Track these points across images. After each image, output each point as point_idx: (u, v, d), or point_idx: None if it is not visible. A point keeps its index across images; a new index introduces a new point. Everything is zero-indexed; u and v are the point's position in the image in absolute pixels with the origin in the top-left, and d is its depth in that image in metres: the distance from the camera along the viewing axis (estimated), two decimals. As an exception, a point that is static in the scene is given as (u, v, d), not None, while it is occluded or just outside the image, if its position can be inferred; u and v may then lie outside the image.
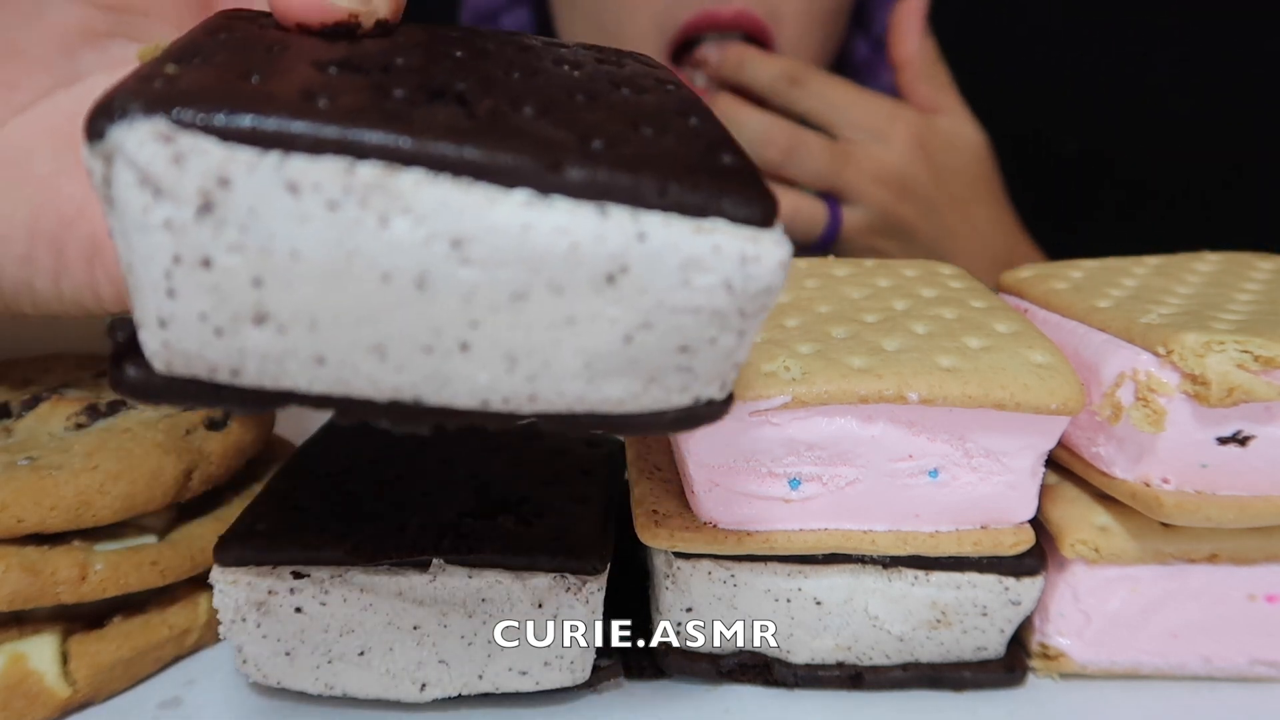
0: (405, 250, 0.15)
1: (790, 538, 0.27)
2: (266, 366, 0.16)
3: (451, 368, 0.17)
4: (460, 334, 0.16)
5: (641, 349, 0.17)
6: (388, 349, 0.16)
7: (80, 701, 0.28)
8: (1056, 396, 0.25)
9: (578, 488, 0.30)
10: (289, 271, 0.15)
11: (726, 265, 0.16)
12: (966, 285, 0.32)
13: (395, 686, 0.27)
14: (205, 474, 0.31)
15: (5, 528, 0.27)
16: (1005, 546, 0.27)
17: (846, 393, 0.25)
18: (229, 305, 0.16)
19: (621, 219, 0.16)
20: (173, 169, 0.15)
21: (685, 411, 0.18)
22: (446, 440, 0.32)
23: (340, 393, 0.17)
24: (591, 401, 0.18)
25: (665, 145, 0.17)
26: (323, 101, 0.15)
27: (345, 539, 0.27)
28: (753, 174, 0.17)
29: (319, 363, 0.16)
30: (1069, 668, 0.29)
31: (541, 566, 0.27)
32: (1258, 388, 0.25)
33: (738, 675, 0.29)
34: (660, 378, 0.18)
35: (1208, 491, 0.26)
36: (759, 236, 0.16)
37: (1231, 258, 0.34)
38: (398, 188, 0.15)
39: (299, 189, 0.15)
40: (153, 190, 0.15)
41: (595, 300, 0.16)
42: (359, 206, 0.15)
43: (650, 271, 0.16)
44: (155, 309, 0.16)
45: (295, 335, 0.16)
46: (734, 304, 0.17)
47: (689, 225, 0.16)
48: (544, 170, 0.15)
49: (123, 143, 0.15)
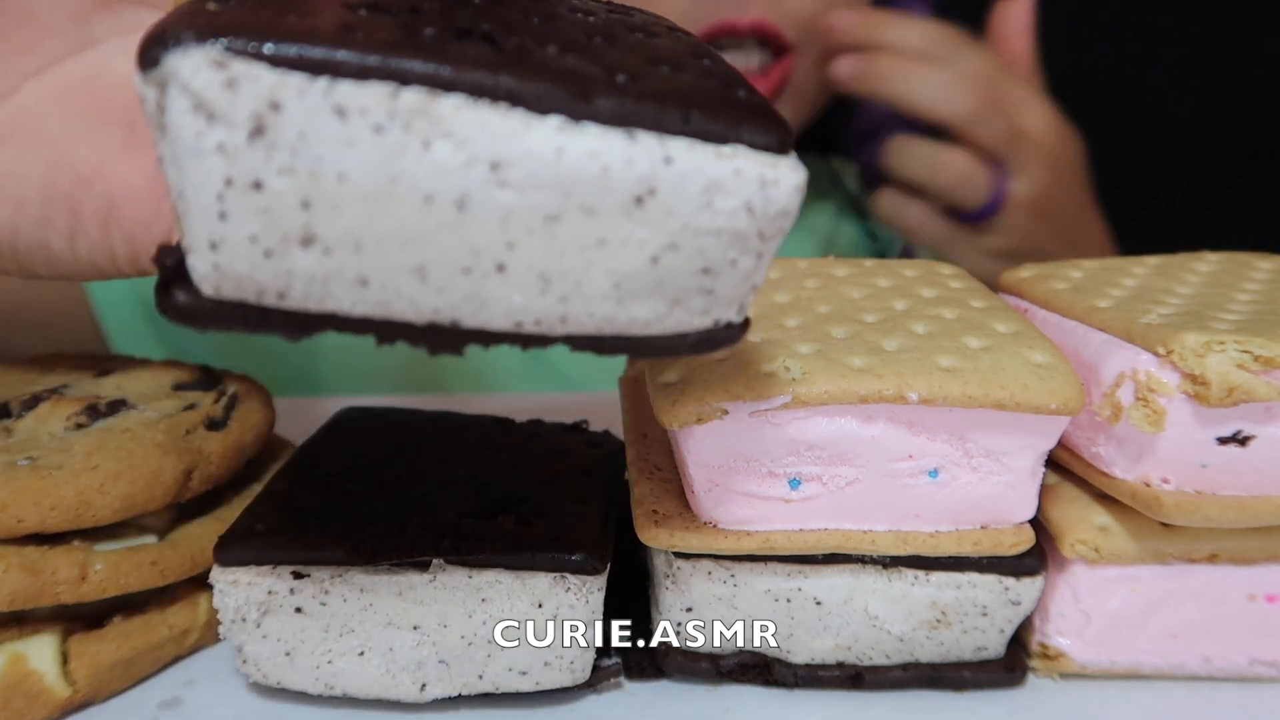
0: (446, 173, 0.16)
1: (790, 538, 0.27)
2: (312, 289, 0.17)
3: (489, 289, 0.17)
4: (498, 255, 0.17)
5: (668, 270, 0.18)
6: (428, 270, 0.17)
7: (80, 701, 0.28)
8: (1056, 396, 0.25)
9: (578, 488, 0.30)
10: (336, 194, 0.16)
11: (747, 188, 0.17)
12: (966, 285, 0.32)
13: (395, 686, 0.27)
14: (205, 474, 0.31)
15: (5, 528, 0.27)
16: (1005, 546, 0.27)
17: (846, 393, 0.25)
18: (279, 227, 0.16)
19: (649, 144, 0.17)
20: (226, 94, 0.15)
21: (706, 334, 0.19)
22: (447, 440, 0.32)
23: (381, 315, 0.17)
24: (620, 323, 0.18)
25: (684, 80, 0.18)
26: (360, 35, 0.16)
27: (345, 539, 0.27)
28: (767, 106, 0.18)
29: (362, 285, 0.17)
30: (1069, 668, 0.29)
31: (541, 566, 0.27)
32: (1258, 388, 0.25)
33: (738, 675, 0.29)
34: (684, 299, 0.18)
35: (1208, 491, 0.26)
36: (777, 162, 0.17)
37: (1231, 258, 0.34)
38: (439, 112, 0.16)
39: (346, 113, 0.16)
40: (206, 115, 0.15)
41: (625, 222, 0.17)
42: (403, 130, 0.16)
43: (676, 194, 0.17)
44: (207, 232, 0.16)
45: (341, 257, 0.17)
46: (754, 226, 0.18)
47: (712, 151, 0.17)
48: (574, 98, 0.16)
49: (177, 69, 0.15)
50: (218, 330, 0.18)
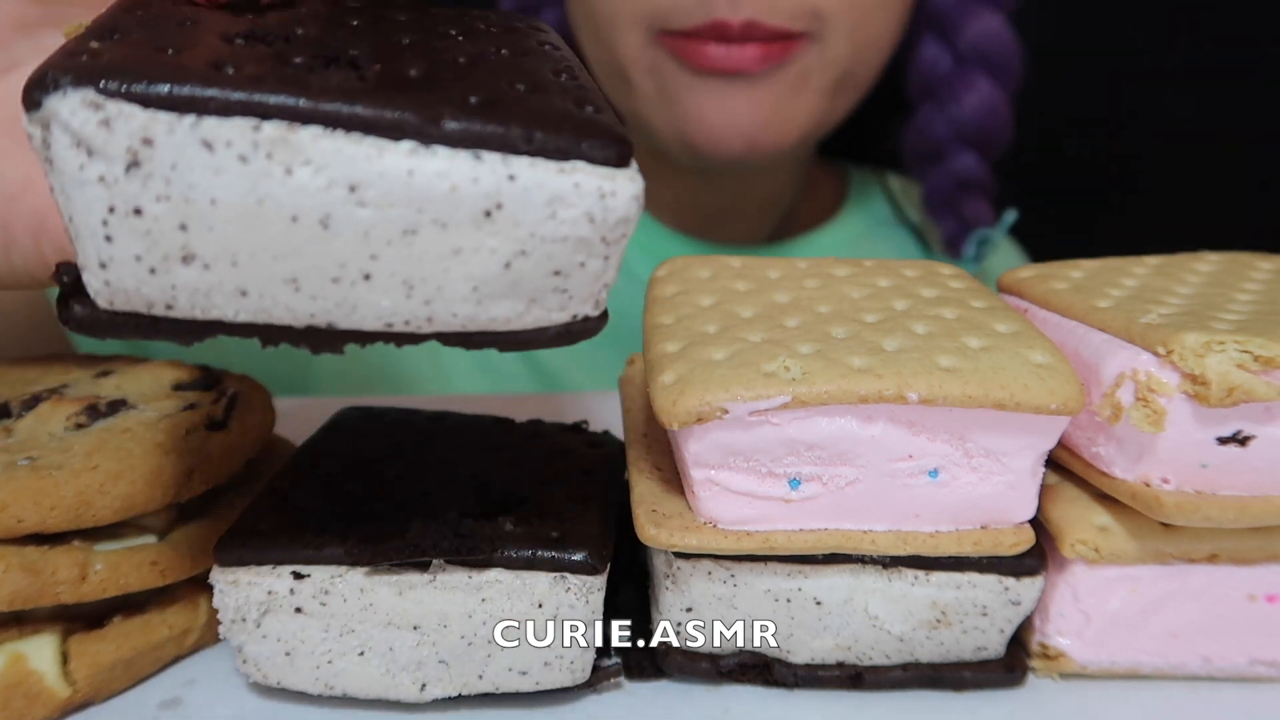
0: (309, 194, 0.18)
1: (790, 538, 0.27)
2: (196, 300, 0.19)
3: (357, 295, 0.19)
4: (362, 265, 0.19)
5: (520, 274, 0.19)
6: (300, 281, 0.19)
7: (80, 701, 0.28)
8: (1056, 396, 0.25)
9: (578, 488, 0.30)
10: (210, 216, 0.18)
11: (587, 200, 0.19)
12: (966, 285, 0.32)
13: (395, 686, 0.27)
14: (205, 474, 0.31)
15: (5, 528, 0.27)
16: (1005, 546, 0.27)
17: (846, 393, 0.25)
18: (160, 247, 0.18)
19: (494, 163, 0.18)
20: (102, 131, 0.17)
21: (564, 327, 0.21)
22: (447, 440, 0.32)
23: (262, 320, 0.19)
24: (481, 321, 0.20)
25: (535, 100, 0.19)
26: (230, 69, 0.18)
27: (345, 539, 0.27)
28: (610, 123, 0.19)
29: (242, 295, 0.19)
30: (1069, 668, 0.29)
31: (541, 566, 0.27)
32: (1258, 388, 0.25)
33: (738, 675, 0.29)
34: (540, 298, 0.20)
35: (1208, 491, 0.26)
36: (615, 174, 0.19)
37: (1231, 258, 0.34)
38: (298, 142, 0.18)
39: (213, 145, 0.17)
40: (86, 150, 0.17)
41: (476, 233, 0.19)
42: (266, 159, 0.18)
43: (521, 207, 0.19)
44: (95, 253, 0.18)
45: (219, 271, 0.18)
46: (596, 233, 0.19)
47: (553, 167, 0.19)
48: (425, 123, 0.18)
49: (57, 110, 0.17)
50: (115, 338, 0.19)
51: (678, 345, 0.27)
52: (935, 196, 0.65)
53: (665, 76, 0.56)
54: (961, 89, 0.62)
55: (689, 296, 0.31)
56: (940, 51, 0.62)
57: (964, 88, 0.61)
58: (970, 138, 0.62)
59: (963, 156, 0.63)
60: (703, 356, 0.26)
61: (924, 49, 0.63)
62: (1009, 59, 0.61)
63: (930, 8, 0.62)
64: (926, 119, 0.64)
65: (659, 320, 0.29)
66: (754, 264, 0.33)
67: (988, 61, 0.61)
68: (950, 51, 0.62)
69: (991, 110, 0.61)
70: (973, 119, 0.62)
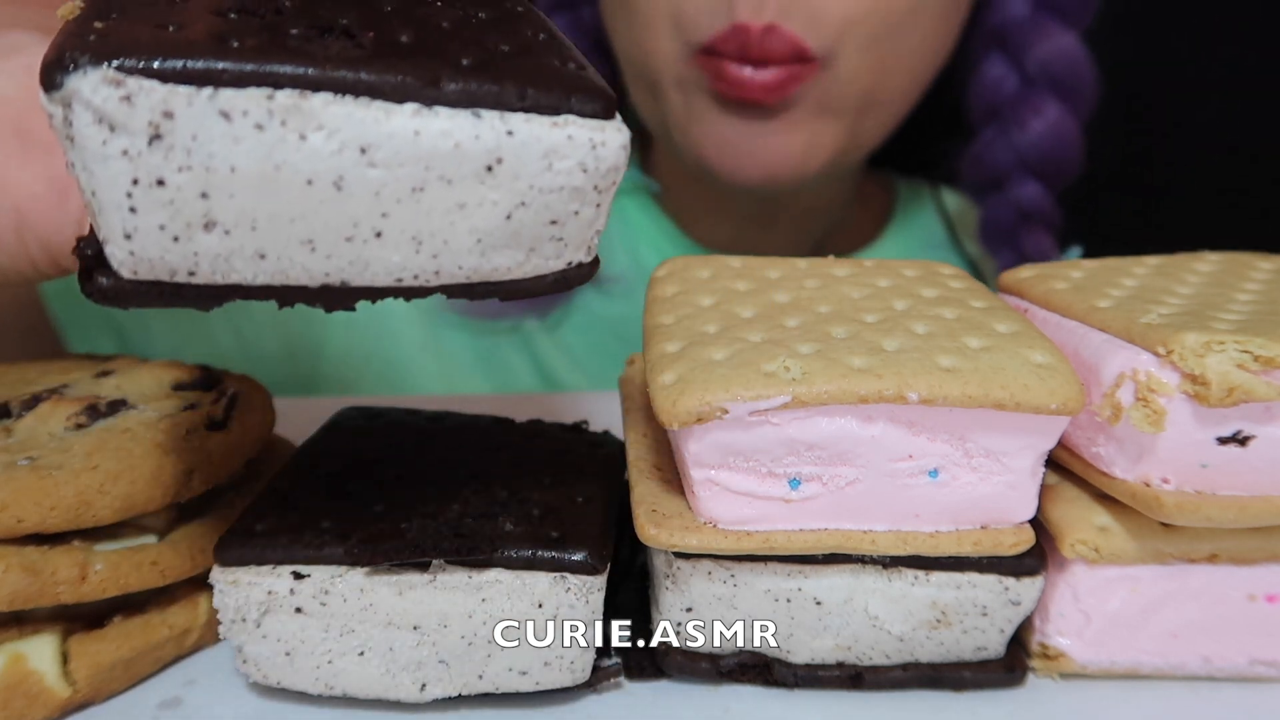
0: (322, 158, 0.19)
1: (790, 538, 0.27)
2: (217, 265, 0.19)
3: (370, 252, 0.20)
4: (374, 224, 0.19)
5: (520, 224, 0.20)
6: (316, 241, 0.19)
7: (80, 701, 0.28)
8: (1056, 396, 0.25)
9: (578, 488, 0.30)
10: (229, 183, 0.18)
11: (580, 151, 0.20)
12: (966, 285, 0.32)
13: (395, 686, 0.27)
14: (205, 474, 0.31)
15: (5, 528, 0.27)
16: (1005, 546, 0.27)
17: (846, 393, 0.25)
18: (182, 216, 0.18)
19: (493, 120, 0.19)
20: (124, 107, 0.17)
21: (561, 274, 0.22)
22: (447, 440, 0.32)
23: (280, 282, 0.20)
24: (485, 271, 0.21)
25: (523, 59, 0.20)
26: (234, 43, 0.18)
27: (345, 539, 0.27)
28: (594, 79, 0.21)
29: (261, 258, 0.19)
30: (1069, 668, 0.29)
31: (541, 566, 0.27)
32: (1258, 388, 0.25)
33: (738, 675, 0.29)
34: (538, 247, 0.21)
35: (1208, 491, 0.26)
36: (604, 126, 0.20)
37: (1231, 258, 0.34)
38: (310, 108, 0.18)
39: (230, 115, 0.18)
40: (108, 126, 0.18)
41: (479, 187, 0.20)
42: (281, 126, 0.18)
43: (520, 160, 0.20)
44: (120, 225, 0.18)
45: (239, 236, 0.19)
46: (589, 181, 0.20)
47: (547, 121, 0.20)
48: (426, 86, 0.19)
49: (78, 89, 0.17)
50: (138, 307, 0.20)
51: (678, 345, 0.27)
52: (993, 228, 0.61)
53: (692, 97, 0.54)
54: (1028, 113, 0.57)
55: (689, 296, 0.31)
56: (1006, 71, 0.58)
57: (1031, 111, 0.57)
58: (1035, 166, 0.58)
59: (1026, 186, 0.58)
60: (703, 356, 0.26)
61: (988, 68, 0.58)
62: (1082, 81, 0.57)
63: (995, 23, 0.57)
64: (988, 143, 0.59)
65: (659, 320, 0.29)
66: (754, 264, 0.33)
67: (1058, 83, 0.56)
68: (1017, 71, 0.57)
69: (1060, 137, 0.57)
70: (1039, 145, 0.57)
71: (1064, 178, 0.59)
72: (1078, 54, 0.56)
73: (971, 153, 0.61)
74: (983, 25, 0.58)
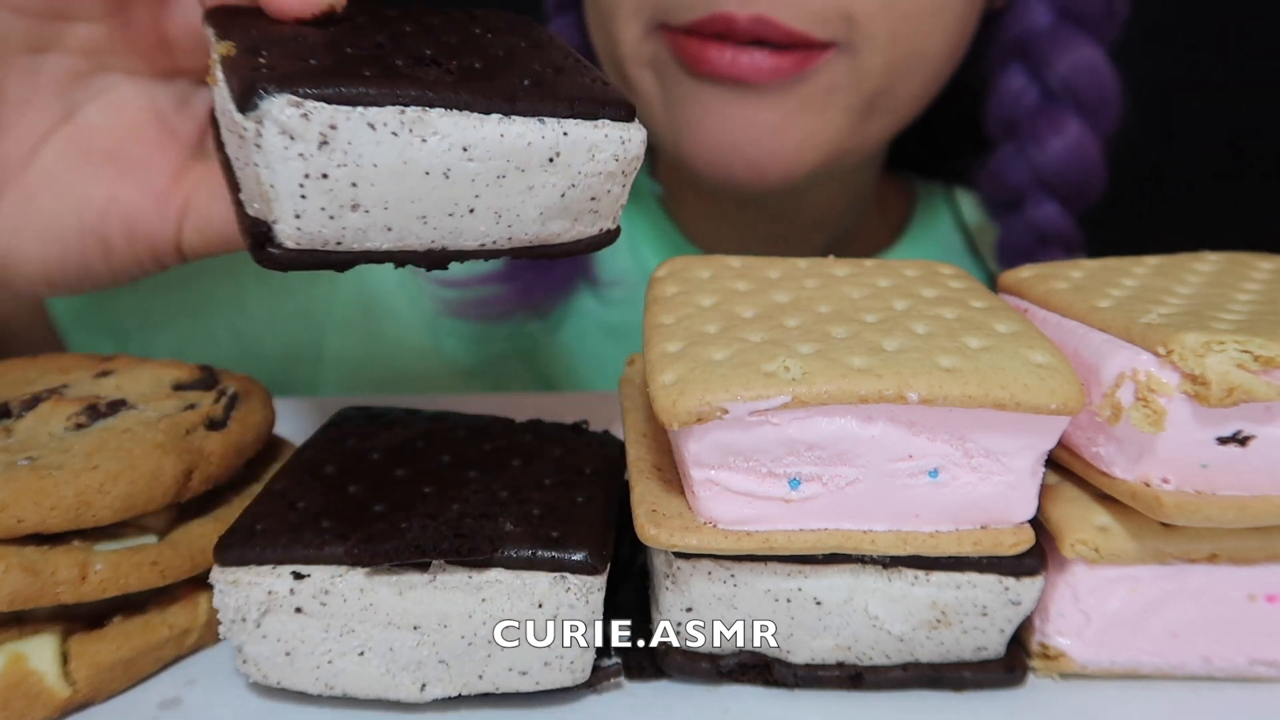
0: (436, 155, 0.25)
1: (790, 538, 0.27)
2: (357, 236, 0.25)
3: (464, 224, 0.26)
4: (469, 202, 0.26)
5: (570, 200, 0.27)
6: (428, 216, 0.26)
7: (80, 701, 0.28)
8: (1056, 396, 0.25)
9: (578, 488, 0.30)
10: (372, 175, 0.25)
11: (613, 145, 0.27)
12: (966, 285, 0.32)
13: (395, 686, 0.27)
14: (205, 474, 0.31)
15: (5, 528, 0.27)
16: (1005, 546, 0.27)
17: (846, 393, 0.25)
18: (338, 200, 0.25)
19: (553, 125, 0.26)
20: (302, 122, 0.24)
21: (594, 239, 0.29)
22: (447, 440, 0.32)
23: (398, 248, 0.26)
24: (543, 237, 0.27)
25: (565, 79, 0.27)
26: (367, 73, 0.25)
27: (345, 539, 0.27)
28: (618, 91, 0.27)
29: (388, 230, 0.26)
30: (1069, 668, 0.29)
31: (541, 566, 0.27)
32: (1258, 388, 0.25)
33: (738, 675, 0.29)
34: (580, 218, 0.28)
35: (1208, 491, 0.26)
36: (628, 126, 0.27)
37: (1231, 258, 0.34)
38: (429, 119, 0.25)
39: (375, 126, 0.24)
40: (289, 136, 0.24)
41: (543, 174, 0.26)
42: (409, 133, 0.24)
43: (572, 153, 0.26)
44: (292, 208, 0.24)
45: (375, 214, 0.25)
46: (619, 168, 0.27)
47: (590, 124, 0.26)
48: (505, 101, 0.25)
49: (269, 109, 0.23)
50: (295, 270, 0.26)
51: (678, 345, 0.27)
52: (1010, 249, 0.58)
53: (665, 76, 0.51)
54: (1047, 129, 0.54)
55: (689, 296, 0.31)
56: (1026, 84, 0.55)
57: (1051, 128, 0.54)
58: (1054, 185, 0.55)
59: (1044, 206, 0.56)
60: (703, 356, 0.26)
61: (1008, 80, 0.55)
62: (1106, 97, 0.54)
63: (1016, 33, 0.54)
64: (1005, 161, 0.56)
65: (659, 320, 0.29)
66: (754, 264, 0.33)
67: (1080, 99, 0.53)
68: (1038, 84, 0.55)
69: (1081, 155, 0.54)
70: (1058, 164, 0.54)
71: (1084, 198, 0.56)
72: (1102, 68, 0.54)
73: (988, 170, 0.58)
74: (1003, 36, 0.55)
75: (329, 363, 0.63)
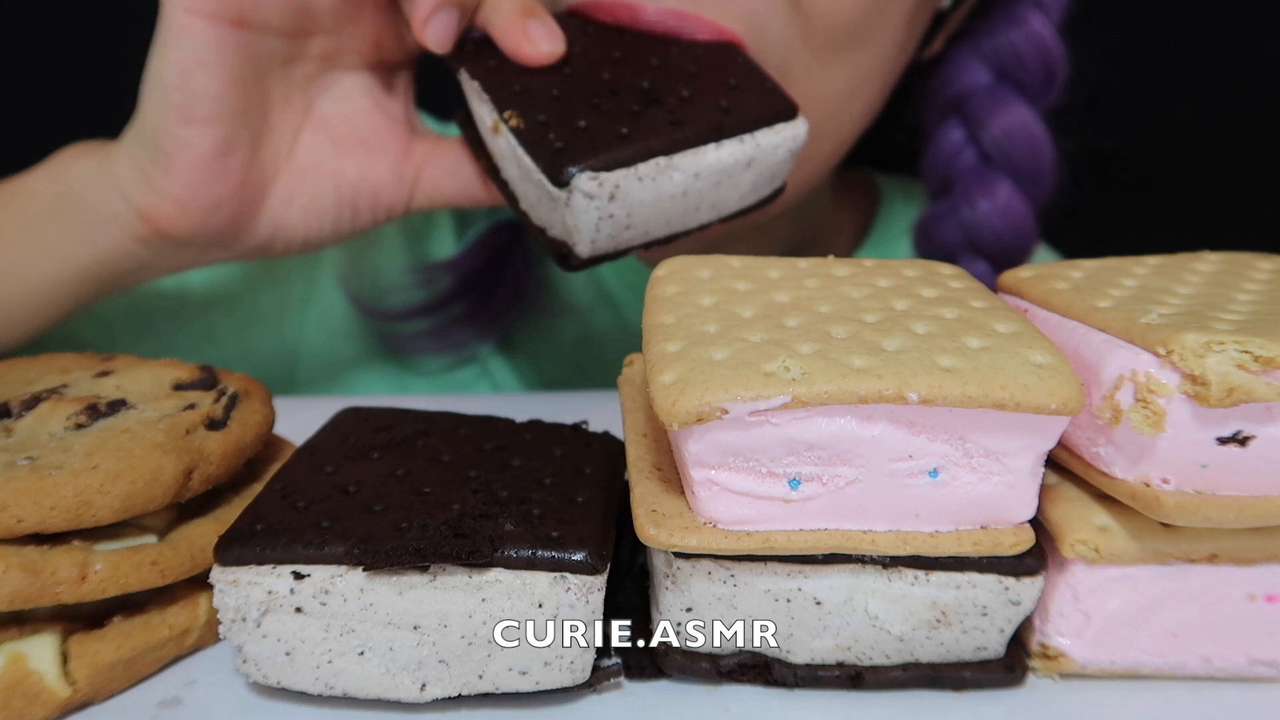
0: (677, 183, 0.37)
1: (790, 538, 0.27)
2: (624, 242, 0.38)
3: (694, 217, 0.39)
4: (696, 204, 0.38)
5: (759, 183, 0.40)
6: (672, 221, 0.39)
7: (80, 701, 0.28)
8: (1056, 397, 0.25)
9: (578, 488, 0.30)
10: (639, 206, 0.37)
11: (788, 141, 0.39)
12: (966, 285, 0.32)
13: (395, 686, 0.27)
14: (205, 474, 0.31)
15: (5, 528, 0.27)
16: (1005, 546, 0.27)
17: (846, 393, 0.25)
18: (617, 226, 0.37)
19: (750, 139, 0.38)
20: (598, 188, 0.35)
21: (765, 199, 0.41)
22: (447, 440, 0.32)
23: (648, 240, 0.39)
24: (739, 207, 0.40)
25: (749, 94, 0.38)
26: (625, 129, 0.36)
27: (345, 539, 0.27)
28: (785, 95, 0.39)
29: (645, 233, 0.38)
30: (1069, 668, 0.29)
31: (541, 566, 0.27)
32: (1258, 388, 0.25)
33: (738, 675, 0.29)
34: (761, 189, 0.41)
35: (1208, 491, 0.26)
36: (796, 123, 0.39)
37: (1231, 258, 0.34)
38: (672, 162, 0.36)
39: (642, 178, 0.36)
40: (589, 197, 0.35)
41: (744, 173, 0.39)
42: (661, 174, 0.36)
43: (763, 155, 0.38)
44: (590, 239, 0.37)
45: (637, 228, 0.38)
46: (791, 154, 0.39)
47: (773, 129, 0.38)
48: (718, 131, 0.37)
49: (576, 184, 0.35)
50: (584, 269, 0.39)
51: (678, 345, 0.27)
52: None
53: None
54: (978, 192, 0.54)
55: (689, 296, 0.31)
56: (964, 143, 0.55)
57: (981, 191, 0.54)
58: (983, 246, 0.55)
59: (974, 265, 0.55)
60: (703, 356, 0.26)
61: (947, 134, 0.55)
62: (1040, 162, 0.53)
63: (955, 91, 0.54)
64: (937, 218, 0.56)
65: (659, 320, 0.29)
66: (754, 264, 0.33)
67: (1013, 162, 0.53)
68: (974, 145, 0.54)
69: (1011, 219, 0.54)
70: (986, 226, 0.54)
71: (1013, 259, 0.55)
72: (1036, 133, 0.53)
73: (921, 224, 0.58)
74: (942, 91, 0.55)
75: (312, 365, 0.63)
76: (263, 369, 0.61)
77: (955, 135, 0.55)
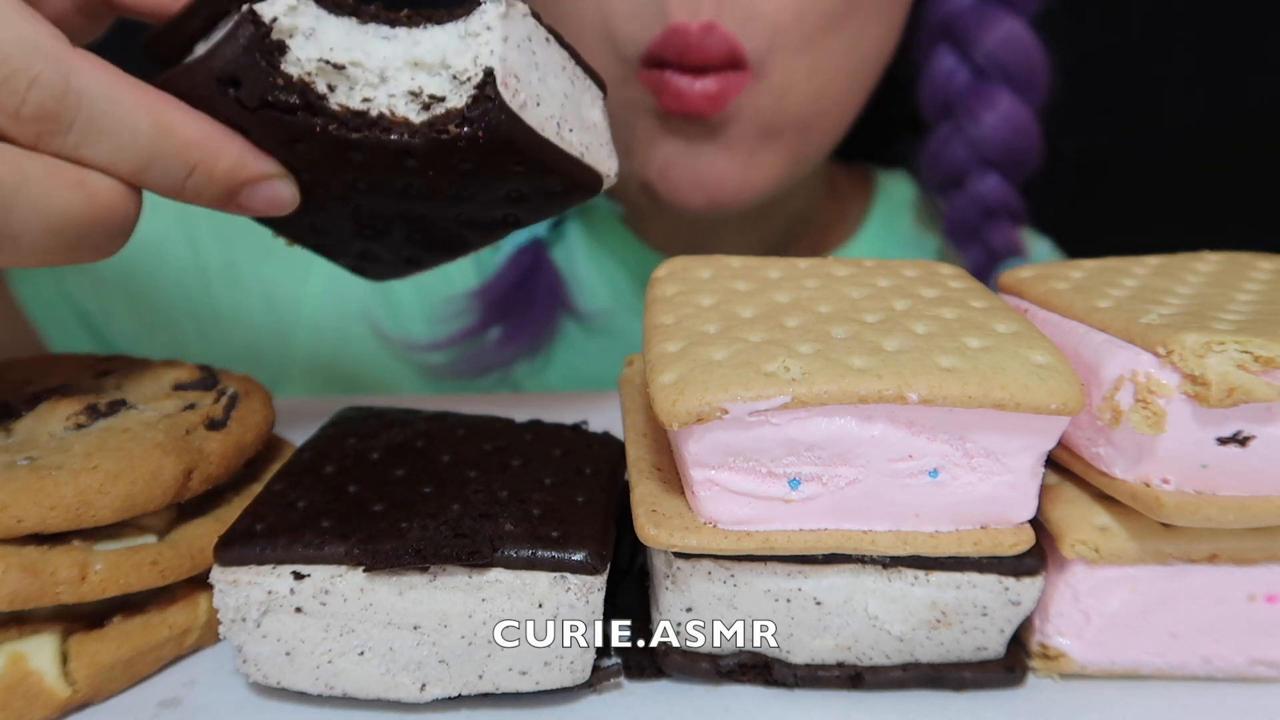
0: None
1: (790, 538, 0.27)
2: None
3: None
4: None
5: None
6: None
7: (80, 701, 0.28)
8: (1056, 397, 0.25)
9: (578, 488, 0.30)
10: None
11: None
12: (966, 285, 0.32)
13: (395, 686, 0.27)
14: (205, 474, 0.31)
15: (5, 528, 0.27)
16: (1005, 546, 0.27)
17: (846, 393, 0.25)
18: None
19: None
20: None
21: None
22: (447, 440, 0.32)
23: None
24: None
25: None
26: None
27: (345, 539, 0.27)
28: None
29: None
30: (1069, 668, 0.29)
31: (541, 566, 0.27)
32: (1258, 388, 0.25)
33: (738, 675, 0.29)
34: None
35: (1208, 492, 0.26)
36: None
37: (1231, 258, 0.34)
38: None
39: None
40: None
41: None
42: None
43: None
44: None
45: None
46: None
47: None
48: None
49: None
50: None
51: (678, 345, 0.27)
52: (958, 224, 0.60)
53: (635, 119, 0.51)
54: (980, 106, 0.56)
55: (689, 296, 0.31)
56: (956, 64, 0.57)
57: (983, 104, 0.56)
58: (993, 159, 0.57)
59: (985, 180, 0.57)
60: (703, 356, 0.26)
61: (937, 62, 0.57)
62: (1033, 69, 0.55)
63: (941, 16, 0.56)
64: (943, 140, 0.58)
65: (659, 320, 0.29)
66: (755, 264, 0.33)
67: (1009, 73, 0.55)
68: (967, 64, 0.56)
69: (1015, 127, 0.56)
70: (994, 138, 0.56)
71: (1023, 169, 0.58)
72: (1026, 41, 0.55)
73: (928, 151, 0.60)
74: (928, 19, 0.57)
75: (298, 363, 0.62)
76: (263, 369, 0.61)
77: (947, 59, 0.57)
